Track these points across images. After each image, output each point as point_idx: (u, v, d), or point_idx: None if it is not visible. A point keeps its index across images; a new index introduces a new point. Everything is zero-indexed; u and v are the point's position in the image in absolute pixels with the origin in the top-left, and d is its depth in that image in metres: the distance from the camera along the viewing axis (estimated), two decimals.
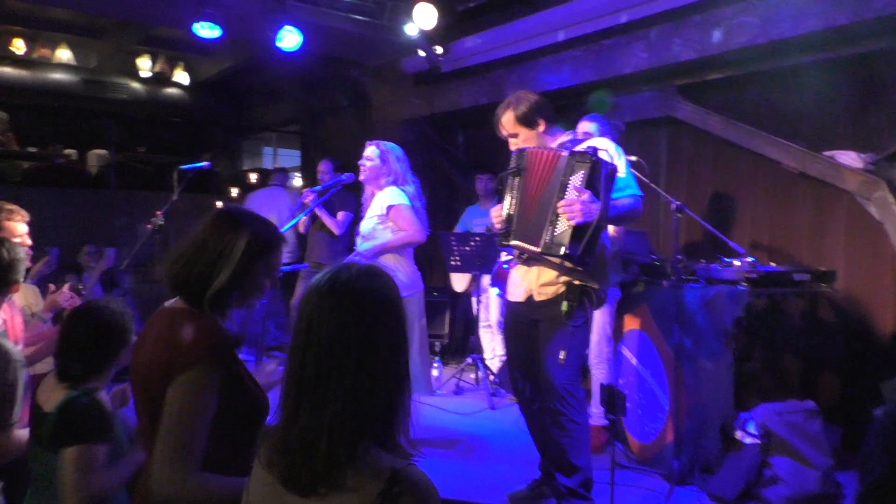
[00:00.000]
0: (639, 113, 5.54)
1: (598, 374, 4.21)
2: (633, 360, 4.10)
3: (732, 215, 5.07)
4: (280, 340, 7.06)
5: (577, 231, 2.95)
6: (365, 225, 4.01)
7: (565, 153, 3.04)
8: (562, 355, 3.09)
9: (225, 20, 5.86)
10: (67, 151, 9.77)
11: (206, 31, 5.87)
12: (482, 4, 6.21)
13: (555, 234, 3.01)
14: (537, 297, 3.21)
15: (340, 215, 5.95)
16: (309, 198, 5.22)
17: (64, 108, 10.52)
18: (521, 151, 3.20)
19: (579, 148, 3.11)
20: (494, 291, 5.40)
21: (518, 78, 6.24)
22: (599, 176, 2.96)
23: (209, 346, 1.65)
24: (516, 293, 3.33)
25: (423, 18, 6.04)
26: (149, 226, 5.12)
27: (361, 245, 3.95)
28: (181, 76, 10.96)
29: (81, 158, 10.01)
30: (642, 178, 4.03)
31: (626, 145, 3.60)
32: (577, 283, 3.11)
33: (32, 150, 9.52)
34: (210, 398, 1.61)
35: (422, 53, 6.32)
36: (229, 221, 1.76)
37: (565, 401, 3.11)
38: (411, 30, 6.10)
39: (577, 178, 2.97)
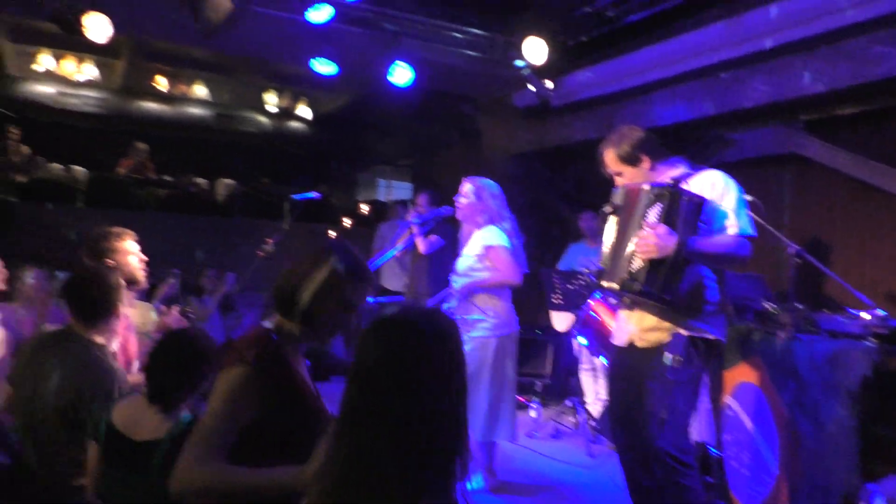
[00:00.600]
0: (760, 149, 5.21)
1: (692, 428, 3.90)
2: (743, 416, 3.77)
3: (863, 263, 4.63)
4: None
5: (654, 267, 2.74)
6: (461, 263, 3.95)
7: (647, 186, 2.85)
8: (663, 414, 2.83)
9: (341, 57, 6.07)
10: (199, 180, 10.43)
11: (324, 67, 6.10)
12: (594, 38, 6.09)
13: (631, 270, 2.82)
14: (638, 344, 3.00)
15: (433, 238, 5.96)
16: (412, 229, 5.25)
17: (198, 140, 11.27)
18: (618, 189, 3.06)
19: (673, 177, 2.91)
20: (582, 341, 5.14)
21: (630, 112, 6.05)
22: (678, 209, 2.74)
23: (256, 352, 1.72)
24: (619, 337, 3.15)
25: (534, 53, 6.00)
26: (260, 253, 5.31)
27: (457, 282, 3.89)
28: (304, 110, 11.49)
29: (211, 187, 10.65)
30: (758, 219, 3.74)
31: (745, 183, 3.35)
32: (683, 332, 2.85)
33: (168, 178, 10.22)
34: (245, 401, 1.66)
35: (532, 88, 6.27)
36: (322, 250, 1.86)
37: (667, 465, 2.84)
38: (521, 64, 6.07)
39: (653, 212, 2.78)
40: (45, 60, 10.05)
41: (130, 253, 3.19)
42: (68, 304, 2.63)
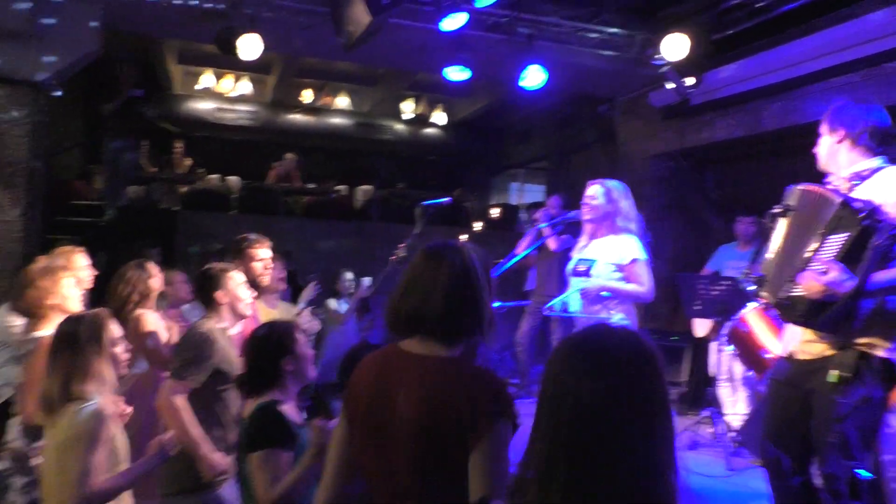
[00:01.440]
0: None
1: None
2: None
3: None
4: (515, 373, 7.12)
5: (818, 303, 2.47)
6: (600, 270, 3.83)
7: (837, 199, 2.49)
8: (831, 437, 2.52)
9: (475, 62, 6.14)
10: (339, 187, 10.91)
11: (457, 73, 6.20)
12: (741, 31, 5.78)
13: (791, 294, 2.56)
14: (800, 356, 2.73)
15: (564, 237, 5.88)
16: (543, 231, 5.22)
17: (339, 149, 11.80)
18: (792, 188, 2.75)
19: (863, 191, 2.54)
20: (730, 350, 4.87)
21: (781, 108, 5.69)
22: (867, 245, 2.36)
23: (507, 401, 1.63)
24: (784, 346, 2.92)
25: (674, 49, 5.79)
26: (393, 258, 5.46)
27: (586, 283, 3.80)
28: (439, 117, 11.72)
29: (351, 193, 11.12)
30: None
31: None
32: (854, 347, 2.51)
33: (312, 186, 10.78)
34: (508, 452, 1.60)
35: (671, 86, 6.04)
36: (427, 254, 1.79)
37: (837, 493, 2.54)
38: (661, 62, 5.88)
39: (835, 241, 2.44)
40: (205, 79, 10.92)
41: (257, 259, 3.42)
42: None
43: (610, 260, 3.80)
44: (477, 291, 1.71)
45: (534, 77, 6.13)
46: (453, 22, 5.60)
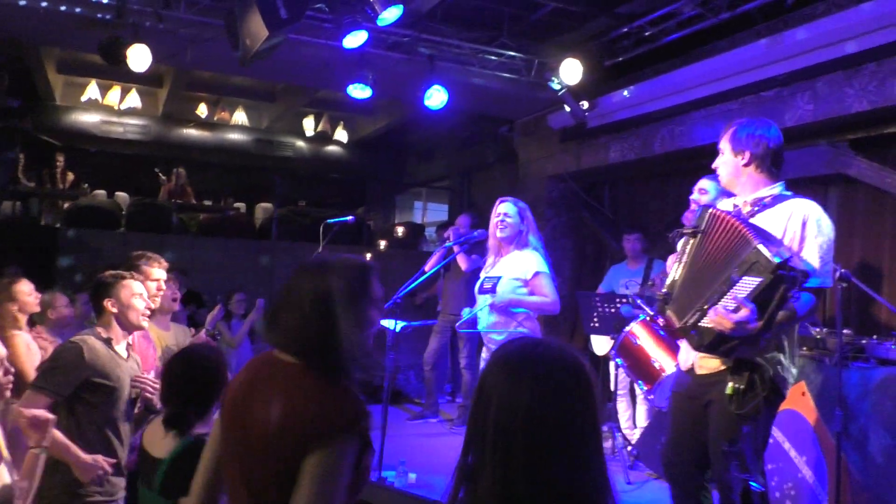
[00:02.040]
0: (804, 169, 5.05)
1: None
2: (786, 444, 3.63)
3: None
4: (420, 392, 7.08)
5: (721, 336, 2.53)
6: (504, 286, 3.88)
7: (755, 239, 2.47)
8: (725, 446, 2.61)
9: (376, 81, 6.11)
10: (238, 204, 10.59)
11: (359, 91, 6.15)
12: (631, 58, 6.04)
13: (698, 323, 2.60)
14: (698, 370, 2.82)
15: (474, 256, 5.94)
16: (454, 249, 5.25)
17: (237, 165, 11.47)
18: (704, 209, 2.77)
19: (764, 219, 2.64)
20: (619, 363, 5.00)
21: (669, 132, 5.96)
22: (776, 292, 2.41)
23: (354, 417, 1.57)
24: (682, 360, 3.01)
25: (570, 74, 5.97)
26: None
27: (499, 296, 3.84)
28: (342, 134, 11.62)
29: (250, 211, 10.81)
30: None
31: None
32: (749, 359, 2.59)
33: (208, 203, 10.40)
34: (350, 469, 1.54)
35: (567, 109, 6.23)
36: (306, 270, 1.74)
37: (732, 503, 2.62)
38: (557, 86, 6.05)
39: (748, 283, 2.45)
40: (90, 91, 10.36)
41: (151, 278, 3.22)
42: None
43: (514, 275, 3.87)
44: (332, 315, 1.62)
45: (436, 97, 6.17)
46: (354, 40, 5.56)
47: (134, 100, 10.72)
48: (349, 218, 5.65)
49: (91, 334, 2.74)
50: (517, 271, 3.86)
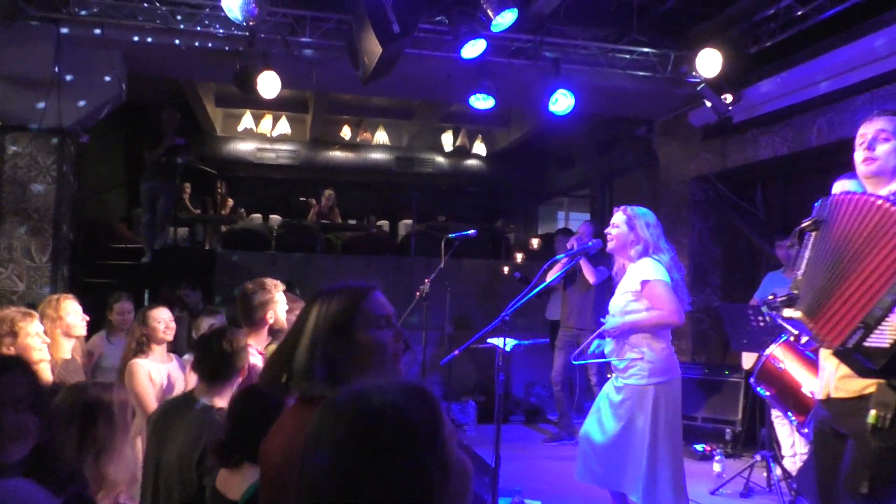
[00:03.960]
0: None
1: None
2: None
3: None
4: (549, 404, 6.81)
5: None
6: (616, 302, 3.52)
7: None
8: (864, 488, 2.18)
9: (500, 90, 5.94)
10: (380, 222, 10.83)
11: (481, 102, 6.01)
12: (780, 42, 5.43)
13: (871, 344, 2.12)
14: (835, 394, 2.38)
15: (601, 268, 5.56)
16: (562, 262, 4.94)
17: (379, 184, 11.76)
18: (823, 199, 2.41)
19: None
20: (763, 392, 4.38)
21: (826, 122, 5.28)
22: None
23: None
24: (818, 387, 2.55)
25: (709, 66, 5.48)
26: (418, 293, 5.26)
27: (609, 322, 3.49)
28: (479, 148, 11.57)
29: (392, 228, 11.02)
30: None
31: None
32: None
33: (352, 221, 10.72)
34: None
35: (708, 104, 5.71)
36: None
37: None
38: (696, 80, 5.58)
39: None
40: (245, 121, 11.07)
41: (279, 302, 3.19)
42: (195, 362, 2.63)
43: (625, 288, 3.49)
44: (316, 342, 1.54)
45: (562, 102, 5.90)
46: (473, 49, 5.45)
47: (284, 126, 11.33)
48: (470, 232, 5.51)
49: None
50: (628, 283, 3.47)
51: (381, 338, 1.57)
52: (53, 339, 3.21)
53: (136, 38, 5.54)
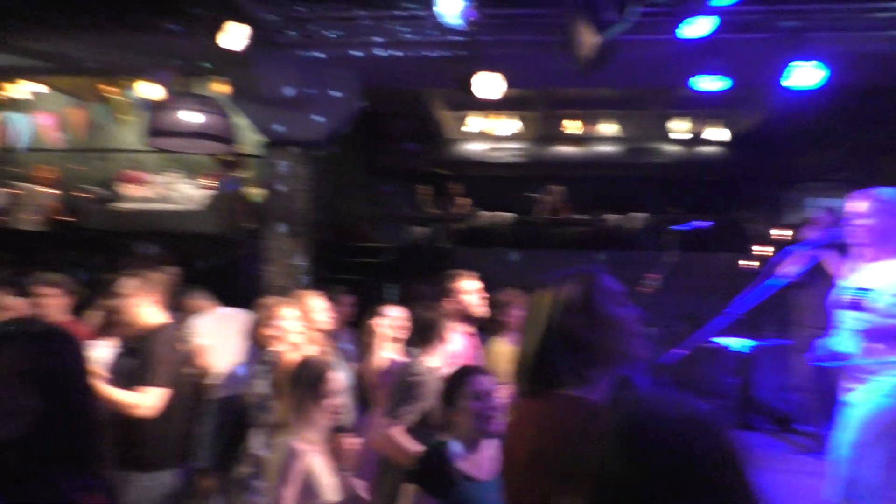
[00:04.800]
0: None
1: None
2: None
3: None
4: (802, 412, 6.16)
5: None
6: (878, 303, 3.02)
7: None
8: None
9: (732, 69, 5.53)
10: (610, 216, 10.59)
11: (712, 83, 5.64)
12: None
13: None
14: None
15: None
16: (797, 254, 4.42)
17: (608, 177, 11.51)
18: None
19: None
20: None
21: None
22: None
23: None
24: None
25: None
26: (643, 288, 5.08)
27: (860, 321, 3.02)
28: (714, 133, 10.83)
29: (622, 222, 10.72)
30: None
31: None
32: None
33: (582, 216, 10.62)
34: None
35: None
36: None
37: None
38: None
39: None
40: (474, 122, 11.48)
41: (462, 292, 3.37)
42: None
43: (891, 290, 3.01)
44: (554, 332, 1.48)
45: (808, 75, 5.31)
46: (699, 28, 5.12)
47: (512, 125, 11.57)
48: (702, 223, 5.20)
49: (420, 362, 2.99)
50: (891, 284, 2.97)
51: (622, 314, 1.53)
52: (301, 332, 3.62)
53: (369, 54, 6.03)
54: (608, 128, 11.40)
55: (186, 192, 9.21)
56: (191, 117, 5.82)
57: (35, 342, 1.43)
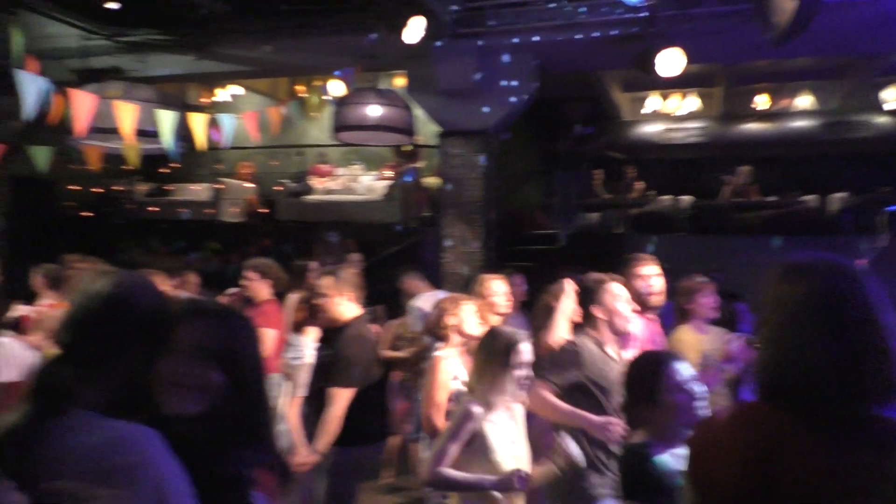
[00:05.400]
0: None
1: None
2: None
3: None
4: None
5: None
6: None
7: None
8: None
9: None
10: (806, 197, 9.72)
11: None
12: None
13: None
14: None
15: None
16: None
17: (802, 155, 10.55)
18: None
19: None
20: None
21: None
22: None
23: None
24: None
25: None
26: None
27: None
28: None
29: (821, 203, 9.80)
30: None
31: None
32: None
33: (772, 198, 9.84)
34: None
35: None
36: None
37: None
38: None
39: None
40: (651, 102, 11.00)
41: (641, 277, 3.25)
42: None
43: None
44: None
45: None
46: None
47: (692, 104, 10.96)
48: None
49: (584, 336, 2.91)
50: None
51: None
52: (482, 315, 3.69)
53: (545, 39, 5.97)
54: (802, 101, 10.44)
55: (368, 184, 9.71)
56: (374, 111, 6.10)
57: (215, 321, 1.48)
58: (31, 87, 4.04)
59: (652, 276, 3.45)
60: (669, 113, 11.10)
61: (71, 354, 1.41)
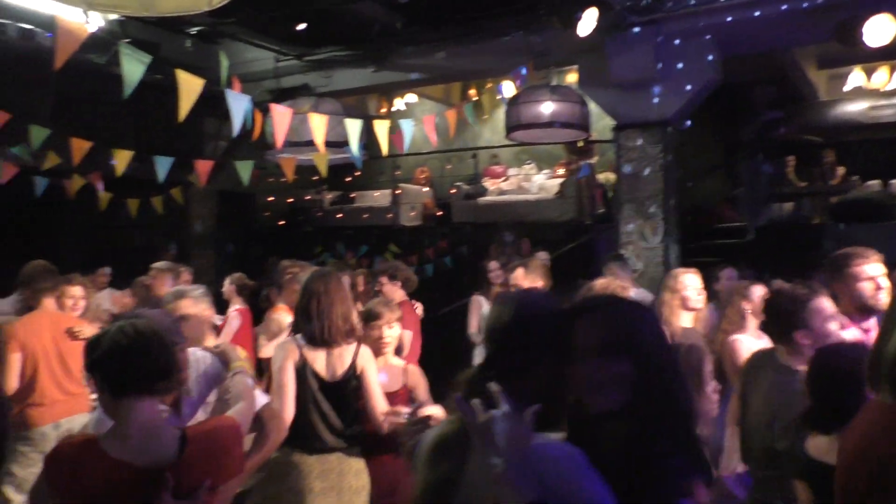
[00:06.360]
0: None
1: None
2: None
3: None
4: None
5: None
6: None
7: None
8: None
9: None
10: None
11: None
12: None
13: None
14: None
15: None
16: None
17: None
18: None
19: None
20: None
21: None
22: None
23: None
24: None
25: None
26: None
27: None
28: None
29: None
30: None
31: None
32: None
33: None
34: None
35: None
36: None
37: None
38: None
39: None
40: (854, 79, 9.94)
41: (865, 278, 2.80)
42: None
43: None
44: None
45: None
46: None
47: None
48: None
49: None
50: None
51: None
52: (673, 310, 3.54)
53: (729, 19, 5.60)
54: None
55: (540, 182, 9.67)
56: (547, 108, 6.06)
57: (611, 312, 1.44)
58: (239, 106, 4.44)
59: (879, 276, 2.91)
60: (877, 89, 9.97)
61: (493, 364, 1.44)
